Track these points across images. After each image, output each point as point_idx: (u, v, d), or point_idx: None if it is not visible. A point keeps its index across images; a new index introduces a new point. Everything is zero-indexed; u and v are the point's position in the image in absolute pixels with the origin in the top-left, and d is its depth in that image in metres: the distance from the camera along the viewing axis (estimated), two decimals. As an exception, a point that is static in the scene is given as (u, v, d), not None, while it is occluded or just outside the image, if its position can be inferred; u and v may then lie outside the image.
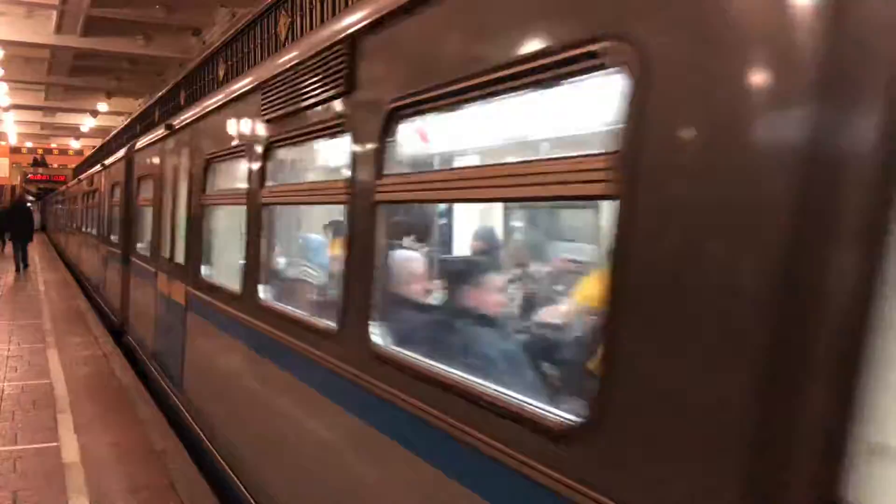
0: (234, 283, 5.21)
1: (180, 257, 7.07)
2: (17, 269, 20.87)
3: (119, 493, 5.23)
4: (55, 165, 61.30)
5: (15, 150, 61.49)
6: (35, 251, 28.58)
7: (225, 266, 5.94)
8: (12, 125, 48.43)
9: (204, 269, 6.20)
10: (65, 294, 16.07)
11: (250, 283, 4.82)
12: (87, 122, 45.00)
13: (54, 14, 23.44)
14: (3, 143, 56.91)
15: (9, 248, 23.34)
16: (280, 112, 4.43)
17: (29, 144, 61.91)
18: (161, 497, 5.19)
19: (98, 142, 45.50)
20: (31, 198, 54.44)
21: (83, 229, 18.84)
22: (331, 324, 3.53)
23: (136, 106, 34.51)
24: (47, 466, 5.66)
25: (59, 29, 24.16)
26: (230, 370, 5.33)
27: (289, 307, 4.35)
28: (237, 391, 5.15)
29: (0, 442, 6.21)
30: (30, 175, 59.10)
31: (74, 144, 60.00)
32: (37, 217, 46.48)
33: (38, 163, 59.79)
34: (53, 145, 62.71)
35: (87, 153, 51.06)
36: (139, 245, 10.01)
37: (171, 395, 7.05)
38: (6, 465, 5.68)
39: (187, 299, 6.64)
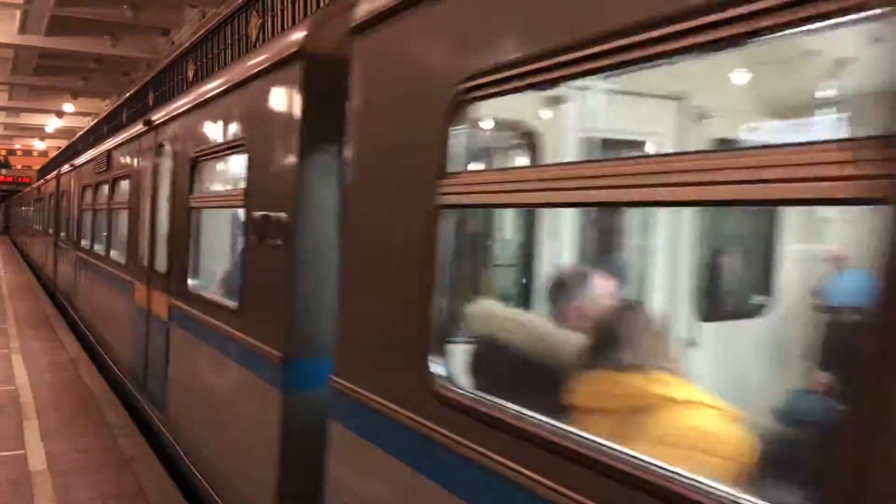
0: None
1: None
2: None
3: (88, 501, 5.15)
4: (19, 167, 60.25)
5: None
6: None
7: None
8: None
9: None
10: (29, 297, 15.80)
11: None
12: (52, 123, 44.31)
13: (18, 13, 23.04)
14: None
15: None
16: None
17: None
18: (133, 504, 5.12)
19: (63, 142, 44.83)
20: None
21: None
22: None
23: (102, 106, 34.08)
24: (14, 474, 5.55)
25: (22, 28, 23.75)
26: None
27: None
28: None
29: (-34, 450, 6.10)
30: None
31: (39, 145, 58.91)
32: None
33: (1, 164, 58.81)
34: (17, 146, 61.52)
35: (52, 154, 50.27)
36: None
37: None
38: (-29, 473, 5.58)
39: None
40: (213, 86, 5.61)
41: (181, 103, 6.69)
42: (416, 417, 2.63)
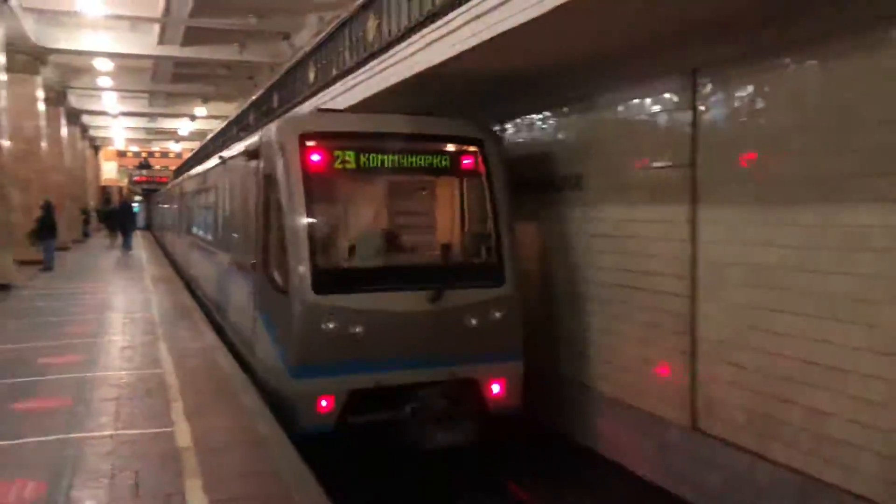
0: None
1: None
2: (126, 249, 28.51)
3: (229, 477, 5.53)
4: (157, 167, 64.41)
5: (122, 154, 65.50)
6: (142, 249, 30.34)
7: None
8: (120, 131, 51.20)
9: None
10: (170, 288, 16.92)
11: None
12: (185, 126, 46.88)
13: (156, 27, 24.60)
14: (111, 147, 60.98)
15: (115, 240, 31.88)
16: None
17: (134, 148, 65.43)
18: (267, 483, 5.45)
19: (195, 144, 47.34)
20: (137, 198, 57.64)
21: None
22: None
23: (230, 109, 35.85)
24: (163, 449, 6.06)
25: (161, 40, 25.34)
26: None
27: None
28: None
29: (122, 426, 6.69)
30: (135, 177, 62.61)
31: (174, 147, 62.85)
32: (143, 216, 51.74)
33: (143, 165, 63.04)
34: (155, 148, 65.82)
35: (186, 155, 53.31)
36: None
37: None
38: (127, 447, 6.13)
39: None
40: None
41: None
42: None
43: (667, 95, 7.77)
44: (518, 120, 10.55)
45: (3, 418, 6.94)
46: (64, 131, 31.90)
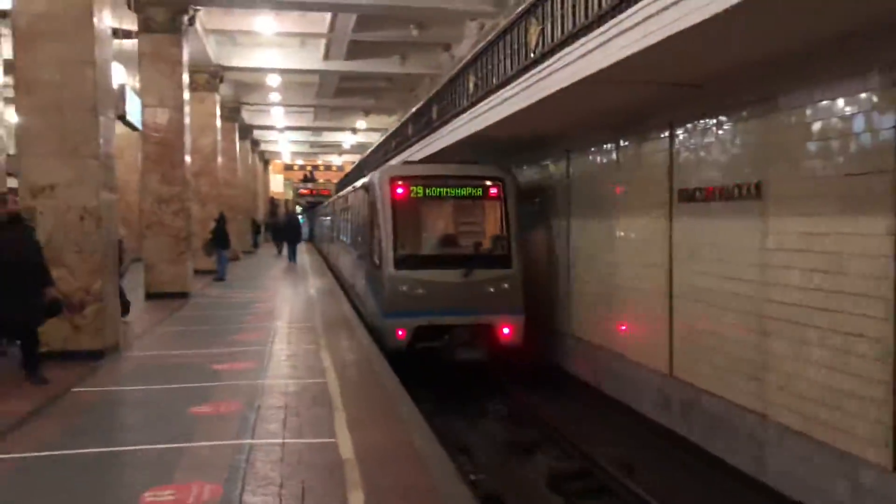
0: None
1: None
2: (292, 261, 29.42)
3: (390, 491, 5.49)
4: (320, 180, 67.43)
5: (288, 168, 68.97)
6: (306, 260, 31.63)
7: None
8: (286, 144, 53.67)
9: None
10: (331, 301, 17.41)
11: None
12: (347, 139, 48.60)
13: (323, 42, 25.59)
14: (278, 161, 63.87)
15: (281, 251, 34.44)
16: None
17: (300, 162, 68.86)
18: (427, 499, 5.37)
19: (356, 157, 48.98)
20: (300, 209, 60.47)
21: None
22: None
23: (390, 122, 36.78)
24: (328, 460, 6.09)
25: (326, 55, 26.35)
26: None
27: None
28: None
29: (290, 435, 6.80)
30: (300, 190, 65.87)
31: (336, 160, 65.47)
32: (306, 228, 53.06)
33: (307, 179, 66.22)
34: (319, 161, 68.88)
35: (347, 168, 55.36)
36: None
37: None
38: (294, 456, 6.21)
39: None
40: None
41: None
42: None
43: (863, 95, 7.01)
44: (689, 125, 9.97)
45: (180, 421, 7.24)
46: (237, 146, 33.69)
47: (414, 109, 23.20)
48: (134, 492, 5.44)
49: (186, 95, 18.26)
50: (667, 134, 10.42)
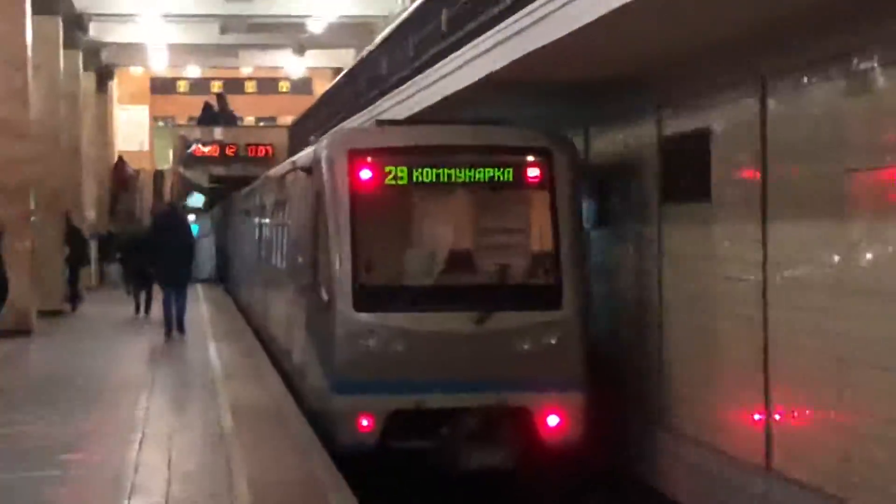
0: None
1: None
2: (170, 330, 14.58)
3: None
4: (248, 121, 54.54)
5: (161, 87, 42.93)
6: (208, 331, 21.63)
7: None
8: (161, 36, 28.76)
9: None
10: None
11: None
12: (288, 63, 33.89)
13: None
14: (136, 70, 35.16)
15: None
16: None
17: (192, 73, 40.15)
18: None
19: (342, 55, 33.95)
20: (194, 201, 41.00)
21: None
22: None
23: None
24: None
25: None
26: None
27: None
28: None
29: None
30: (193, 148, 52.33)
31: (291, 67, 44.51)
32: (208, 245, 27.08)
33: (212, 114, 52.89)
34: (244, 72, 51.99)
35: (318, 88, 38.38)
36: None
37: None
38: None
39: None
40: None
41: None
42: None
43: None
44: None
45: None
46: (28, 35, 14.69)
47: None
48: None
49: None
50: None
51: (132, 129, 32.87)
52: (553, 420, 7.63)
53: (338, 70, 25.63)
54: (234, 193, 22.18)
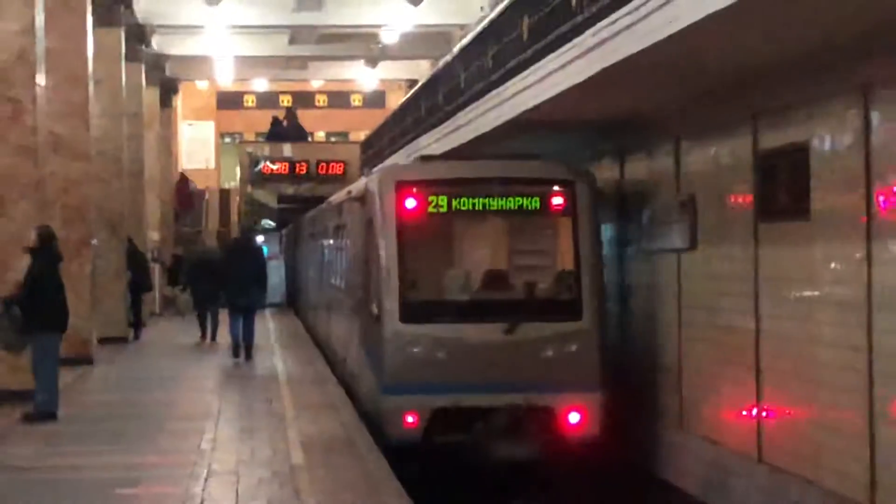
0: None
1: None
2: (239, 358, 14.51)
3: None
4: (319, 138, 53.94)
5: (227, 101, 43.26)
6: (278, 365, 20.62)
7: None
8: (227, 49, 27.56)
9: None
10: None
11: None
12: (360, 75, 31.95)
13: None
14: (201, 84, 34.27)
15: None
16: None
17: (259, 87, 41.19)
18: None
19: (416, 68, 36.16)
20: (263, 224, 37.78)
21: None
22: None
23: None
24: None
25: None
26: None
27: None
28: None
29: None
30: (261, 165, 51.59)
31: (362, 78, 41.66)
32: (277, 269, 26.61)
33: (279, 131, 52.14)
34: (314, 86, 49.64)
35: (392, 101, 37.01)
36: None
37: None
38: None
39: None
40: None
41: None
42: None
43: None
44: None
45: None
46: (89, 46, 14.24)
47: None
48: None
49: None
50: None
51: (197, 146, 31.69)
52: (574, 417, 8.83)
53: (412, 82, 24.78)
54: (303, 216, 21.67)
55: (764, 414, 8.24)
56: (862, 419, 6.92)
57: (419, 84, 19.47)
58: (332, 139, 36.60)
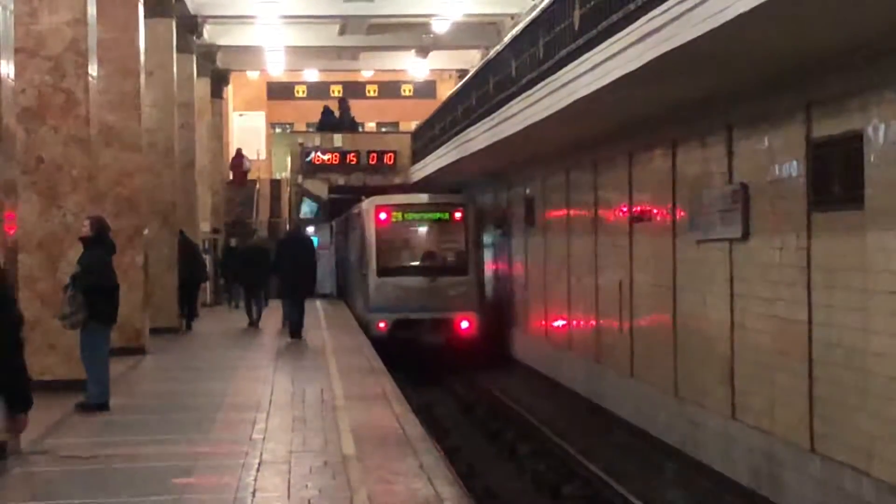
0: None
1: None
2: (293, 338, 15.74)
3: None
4: (369, 127, 53.33)
5: (276, 91, 39.26)
6: (328, 346, 21.71)
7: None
8: (277, 40, 26.26)
9: None
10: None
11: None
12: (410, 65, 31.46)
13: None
14: (252, 74, 33.43)
15: None
16: None
17: (310, 77, 38.43)
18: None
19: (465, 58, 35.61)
20: (310, 212, 36.06)
21: None
22: None
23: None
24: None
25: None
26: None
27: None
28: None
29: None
30: (311, 156, 50.82)
31: (411, 69, 39.41)
32: (326, 258, 26.94)
33: (331, 121, 51.34)
34: (365, 75, 48.56)
35: (442, 91, 36.53)
36: None
37: None
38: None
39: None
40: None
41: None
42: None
43: None
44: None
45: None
46: (142, 38, 13.90)
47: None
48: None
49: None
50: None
51: (248, 137, 31.55)
52: (464, 324, 18.25)
53: (463, 72, 24.63)
54: (352, 207, 22.58)
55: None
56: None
57: (470, 74, 19.49)
58: (383, 129, 36.19)
